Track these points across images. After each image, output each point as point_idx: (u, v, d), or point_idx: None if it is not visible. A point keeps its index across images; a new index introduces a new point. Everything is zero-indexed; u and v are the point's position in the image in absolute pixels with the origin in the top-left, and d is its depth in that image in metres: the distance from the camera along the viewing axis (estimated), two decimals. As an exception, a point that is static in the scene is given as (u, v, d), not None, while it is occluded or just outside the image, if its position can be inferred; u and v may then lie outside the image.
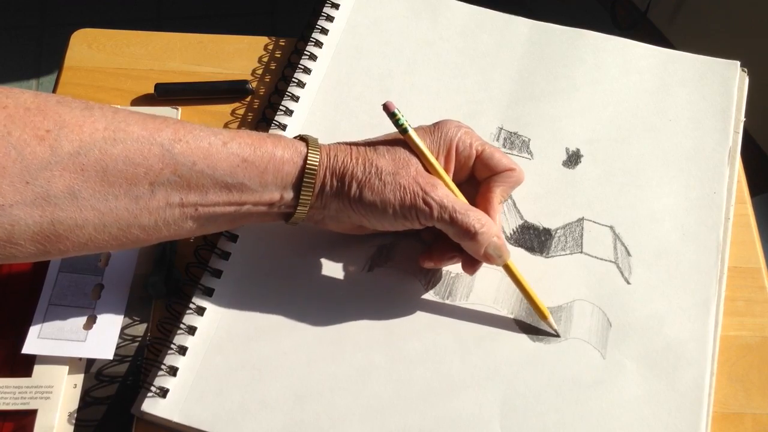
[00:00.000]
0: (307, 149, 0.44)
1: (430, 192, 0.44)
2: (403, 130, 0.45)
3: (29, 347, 0.46)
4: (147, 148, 0.39)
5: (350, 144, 0.46)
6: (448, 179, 0.46)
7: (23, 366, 0.46)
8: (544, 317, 0.47)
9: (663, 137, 0.55)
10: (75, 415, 0.45)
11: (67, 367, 0.46)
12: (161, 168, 0.40)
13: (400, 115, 0.45)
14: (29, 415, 0.44)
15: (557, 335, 0.47)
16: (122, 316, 0.48)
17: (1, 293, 0.49)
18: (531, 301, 0.47)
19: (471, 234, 0.44)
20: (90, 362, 0.46)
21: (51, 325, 0.47)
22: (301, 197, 0.44)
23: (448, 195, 0.44)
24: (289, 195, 0.44)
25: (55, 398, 0.45)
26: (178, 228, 0.42)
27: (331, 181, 0.44)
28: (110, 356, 0.46)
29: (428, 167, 0.45)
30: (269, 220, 0.46)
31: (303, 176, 0.43)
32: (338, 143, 0.46)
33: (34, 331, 0.46)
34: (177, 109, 0.57)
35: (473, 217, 0.44)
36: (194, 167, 0.40)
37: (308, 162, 0.43)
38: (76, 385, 0.46)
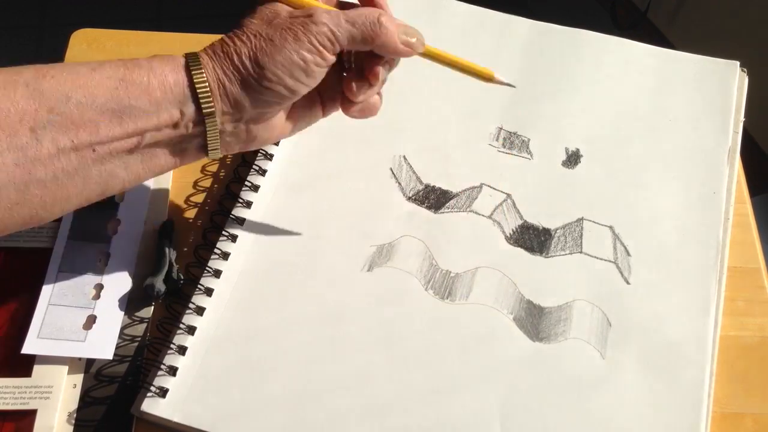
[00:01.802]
0: (184, 55, 0.40)
1: (314, 15, 0.41)
2: None
3: (29, 347, 0.46)
4: (12, 91, 0.36)
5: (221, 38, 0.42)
6: (322, 4, 0.43)
7: (23, 366, 0.46)
8: (490, 77, 0.45)
9: (663, 137, 0.55)
10: (75, 415, 0.45)
11: (66, 367, 0.46)
12: (35, 109, 0.36)
13: None
14: (29, 415, 0.44)
15: (513, 86, 0.46)
16: (122, 316, 0.48)
17: (0, 293, 0.49)
18: (469, 70, 0.46)
19: (377, 23, 0.41)
20: (90, 362, 0.46)
21: (50, 325, 0.47)
22: (202, 105, 0.40)
23: (329, 11, 0.42)
24: (189, 109, 0.40)
25: (55, 398, 0.45)
26: (85, 180, 0.39)
27: (224, 72, 0.40)
28: (110, 356, 0.46)
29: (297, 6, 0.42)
30: (189, 155, 0.42)
31: (193, 79, 0.39)
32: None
33: (33, 331, 0.46)
34: (177, 109, 0.57)
35: (368, 10, 0.42)
36: (70, 101, 0.37)
37: (190, 63, 0.40)
38: (75, 385, 0.46)
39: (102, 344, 0.46)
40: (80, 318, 0.47)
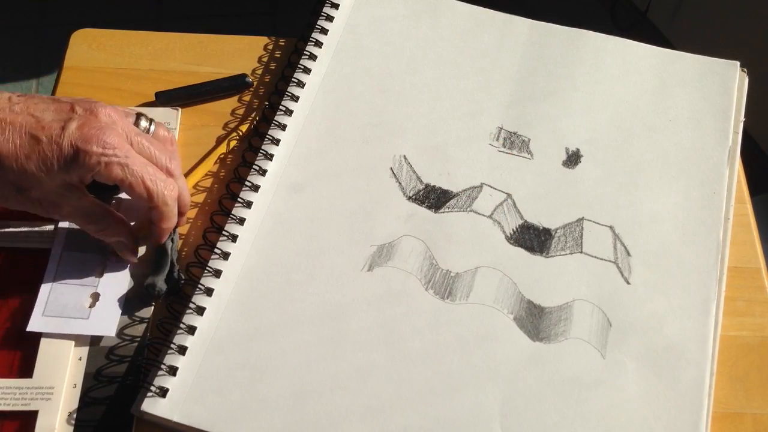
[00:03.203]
0: None
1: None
2: None
3: (34, 324, 0.46)
4: None
5: None
6: None
7: (24, 367, 0.46)
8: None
9: (663, 137, 0.55)
10: (75, 416, 0.45)
11: (68, 365, 0.46)
12: None
13: None
14: (30, 416, 0.44)
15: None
16: (125, 294, 0.48)
17: (1, 291, 0.49)
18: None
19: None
20: (90, 361, 0.46)
21: (55, 303, 0.47)
22: None
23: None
24: None
25: (56, 399, 0.45)
26: None
27: None
28: (113, 333, 0.46)
29: None
30: None
31: None
32: None
33: (38, 308, 0.47)
34: (177, 110, 0.57)
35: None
36: None
37: None
38: (75, 385, 0.46)
39: (105, 321, 0.47)
40: (84, 296, 0.48)
